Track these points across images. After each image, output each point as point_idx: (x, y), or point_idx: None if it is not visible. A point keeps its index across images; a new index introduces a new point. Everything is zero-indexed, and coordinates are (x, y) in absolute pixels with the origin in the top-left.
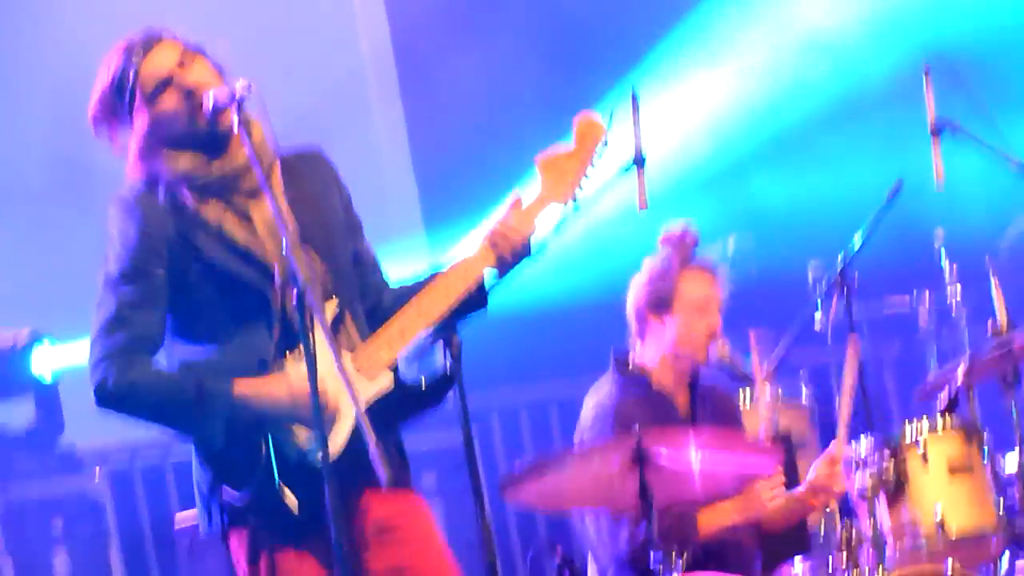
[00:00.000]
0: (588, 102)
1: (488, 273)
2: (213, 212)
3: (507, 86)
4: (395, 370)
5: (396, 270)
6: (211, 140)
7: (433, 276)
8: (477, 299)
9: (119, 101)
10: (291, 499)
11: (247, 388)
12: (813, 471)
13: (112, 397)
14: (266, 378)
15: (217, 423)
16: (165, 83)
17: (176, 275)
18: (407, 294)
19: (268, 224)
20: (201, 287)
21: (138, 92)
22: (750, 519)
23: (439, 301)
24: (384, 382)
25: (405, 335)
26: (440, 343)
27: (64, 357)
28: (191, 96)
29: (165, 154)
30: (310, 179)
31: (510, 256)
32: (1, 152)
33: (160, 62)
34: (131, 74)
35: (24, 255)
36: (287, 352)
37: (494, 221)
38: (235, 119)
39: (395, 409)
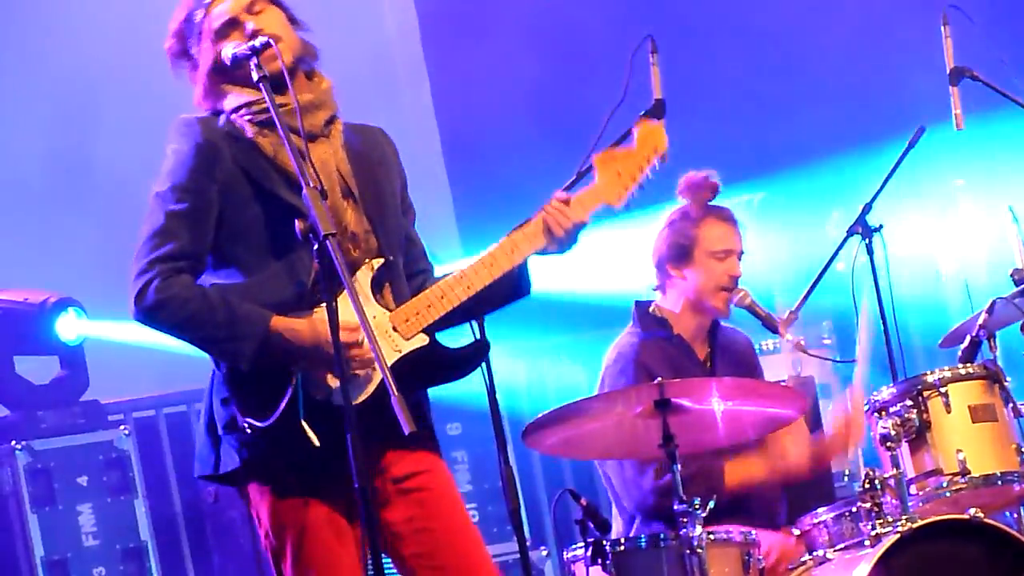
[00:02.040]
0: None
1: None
2: (270, 143)
3: (533, 64)
4: (431, 334)
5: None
6: (270, 81)
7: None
8: (520, 284)
9: (189, 37)
10: (312, 436)
11: (284, 323)
12: (830, 424)
13: (152, 306)
14: (304, 320)
15: (249, 346)
16: (231, 23)
17: (226, 196)
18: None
19: (322, 168)
20: (250, 208)
21: (205, 29)
22: (776, 475)
23: (482, 273)
24: (419, 342)
25: (445, 301)
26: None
27: (89, 328)
28: (254, 39)
29: (227, 90)
30: (373, 148)
31: (558, 242)
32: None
33: (229, 4)
34: (200, 12)
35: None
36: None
37: (548, 207)
38: (255, 72)
39: (426, 371)
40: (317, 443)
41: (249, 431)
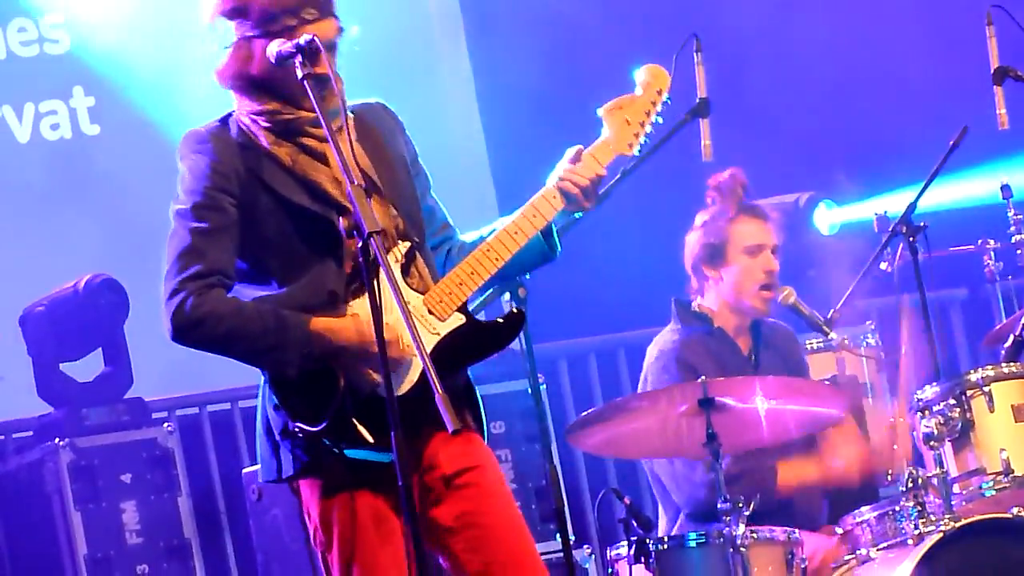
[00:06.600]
0: (654, 47)
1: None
2: (286, 151)
3: (574, 29)
4: (466, 311)
5: (462, 219)
6: (302, 93)
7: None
8: (547, 248)
9: (283, 18)
10: (366, 433)
11: (323, 324)
12: (877, 440)
13: (189, 325)
14: (339, 319)
15: (293, 353)
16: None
17: (247, 209)
18: (477, 246)
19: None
20: (272, 221)
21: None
22: (828, 480)
23: (508, 243)
24: (456, 323)
25: (475, 276)
26: (507, 293)
27: (137, 302)
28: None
29: (257, 94)
30: (378, 128)
31: (578, 201)
32: None
33: (331, 24)
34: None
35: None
36: (357, 291)
37: (562, 167)
38: (299, 70)
39: (467, 348)
40: (371, 439)
41: (301, 435)
